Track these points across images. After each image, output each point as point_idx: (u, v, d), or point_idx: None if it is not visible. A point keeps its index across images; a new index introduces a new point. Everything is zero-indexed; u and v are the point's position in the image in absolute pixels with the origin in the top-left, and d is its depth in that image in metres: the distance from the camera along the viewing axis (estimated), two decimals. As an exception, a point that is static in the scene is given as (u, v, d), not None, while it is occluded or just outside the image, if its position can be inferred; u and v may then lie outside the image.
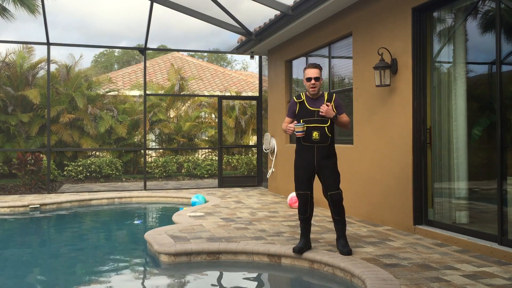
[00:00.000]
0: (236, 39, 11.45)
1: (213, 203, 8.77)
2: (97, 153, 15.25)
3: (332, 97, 5.06)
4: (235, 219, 7.11)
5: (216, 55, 36.77)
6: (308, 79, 5.01)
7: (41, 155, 12.11)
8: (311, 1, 7.48)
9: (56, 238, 7.39)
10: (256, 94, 16.21)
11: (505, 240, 4.80)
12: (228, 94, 17.76)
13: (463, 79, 5.62)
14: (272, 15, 9.11)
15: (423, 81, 5.93)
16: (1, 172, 12.97)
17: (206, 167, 14.76)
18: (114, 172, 13.85)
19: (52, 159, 13.19)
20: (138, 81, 19.17)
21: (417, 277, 4.16)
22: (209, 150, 16.36)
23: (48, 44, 10.79)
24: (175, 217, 7.22)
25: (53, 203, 9.28)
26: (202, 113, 16.77)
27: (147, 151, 15.20)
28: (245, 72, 28.59)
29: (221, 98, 12.30)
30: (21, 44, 13.71)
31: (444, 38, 5.88)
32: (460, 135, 5.62)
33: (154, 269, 5.38)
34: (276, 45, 10.42)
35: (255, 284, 5.00)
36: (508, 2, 4.97)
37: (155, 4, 10.16)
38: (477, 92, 5.64)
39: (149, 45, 12.42)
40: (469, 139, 5.54)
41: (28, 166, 11.35)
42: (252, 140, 16.19)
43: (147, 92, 13.76)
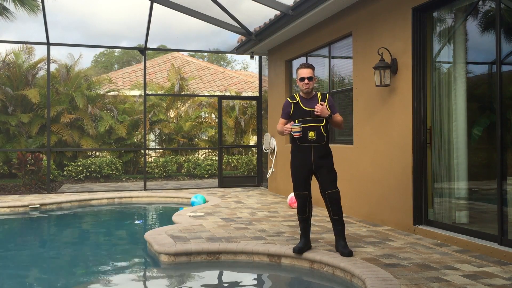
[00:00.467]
0: (236, 39, 11.46)
1: (213, 203, 8.77)
2: (97, 153, 15.25)
3: (326, 97, 5.12)
4: (235, 219, 7.11)
5: (216, 55, 36.77)
6: (302, 79, 5.05)
7: (41, 155, 12.11)
8: (311, 1, 7.48)
9: (56, 238, 7.38)
10: (256, 94, 16.22)
11: (505, 240, 4.80)
12: (228, 94, 17.75)
13: (463, 79, 5.62)
14: (272, 15, 9.11)
15: (423, 81, 5.93)
16: (1, 172, 12.97)
17: (206, 167, 14.76)
18: (114, 172, 13.86)
19: (52, 159, 13.19)
20: (138, 81, 19.17)
21: (417, 277, 4.16)
22: (209, 150, 16.36)
23: (48, 44, 10.79)
24: (175, 217, 7.22)
25: (53, 203, 9.29)
26: (202, 113, 16.77)
27: (147, 151, 15.20)
28: (245, 72, 28.60)
29: (221, 98, 12.31)
30: (21, 44, 13.71)
31: (444, 38, 5.88)
32: (460, 135, 5.62)
33: (154, 269, 5.38)
34: (276, 45, 10.42)
35: (255, 284, 5.00)
36: (508, 2, 4.97)
37: (155, 4, 10.16)
38: (477, 92, 5.64)
39: (149, 45, 12.43)
40: (469, 139, 5.54)
41: (28, 166, 11.35)
42: (252, 140, 16.19)
43: (147, 92, 13.76)
